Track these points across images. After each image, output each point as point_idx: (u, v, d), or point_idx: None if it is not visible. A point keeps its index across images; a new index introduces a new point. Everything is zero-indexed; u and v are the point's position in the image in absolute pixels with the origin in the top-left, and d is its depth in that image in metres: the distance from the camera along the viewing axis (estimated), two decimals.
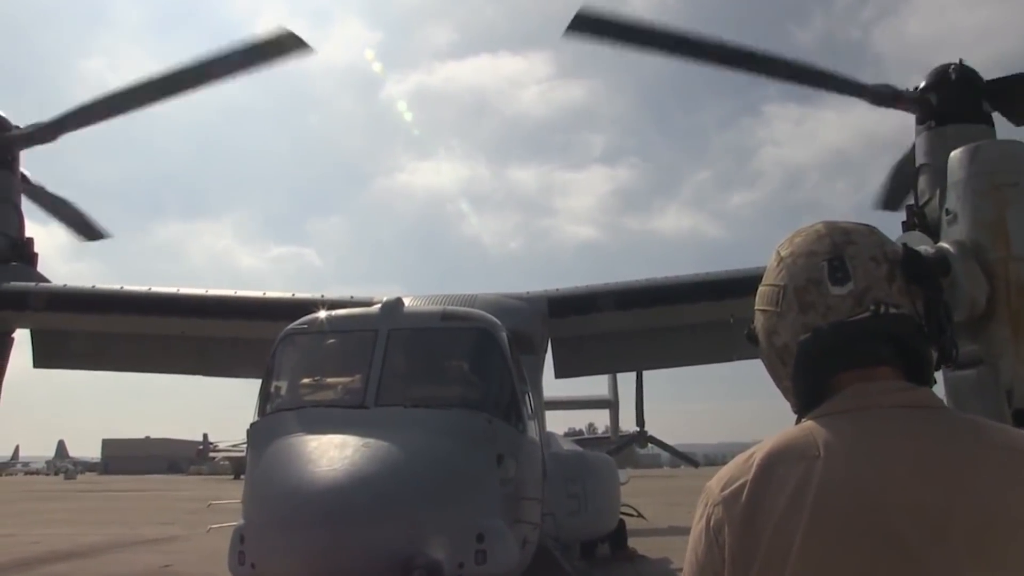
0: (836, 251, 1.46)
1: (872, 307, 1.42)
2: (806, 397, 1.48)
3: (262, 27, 11.47)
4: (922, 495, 1.26)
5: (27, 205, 12.67)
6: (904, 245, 1.51)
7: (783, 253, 1.54)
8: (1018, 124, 11.20)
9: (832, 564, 1.26)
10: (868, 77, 11.83)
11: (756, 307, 1.58)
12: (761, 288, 1.57)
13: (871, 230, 1.51)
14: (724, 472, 1.42)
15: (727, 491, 1.38)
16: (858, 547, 1.25)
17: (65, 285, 11.79)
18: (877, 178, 13.34)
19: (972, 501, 1.24)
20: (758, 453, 1.39)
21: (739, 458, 1.42)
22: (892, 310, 1.43)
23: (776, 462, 1.36)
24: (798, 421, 1.47)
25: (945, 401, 1.41)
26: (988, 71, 11.33)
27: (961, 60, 11.38)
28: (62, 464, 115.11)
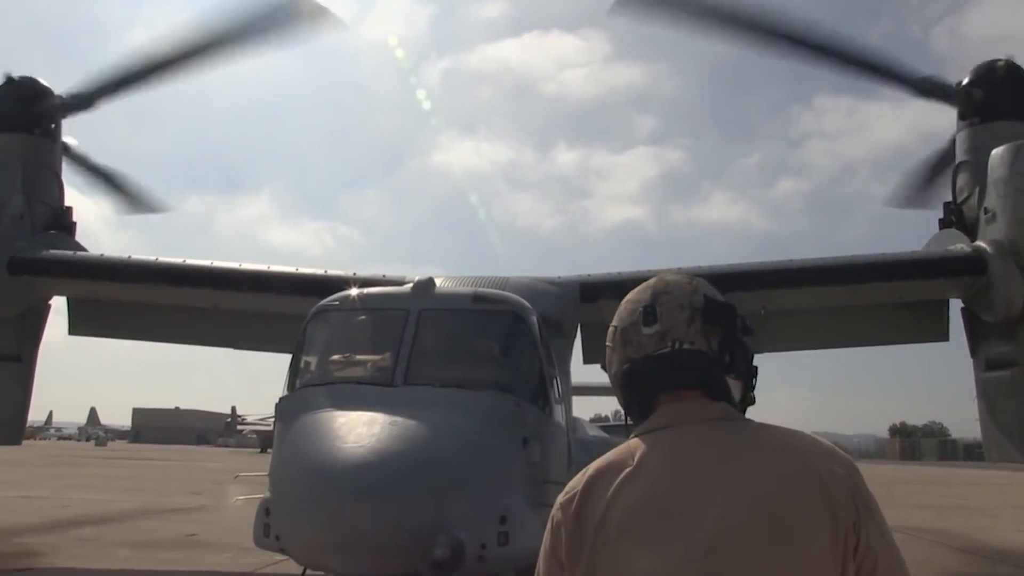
0: (652, 300, 1.83)
1: (671, 344, 1.79)
2: (635, 414, 1.85)
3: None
4: (707, 488, 1.61)
5: (72, 175, 12.87)
6: (705, 296, 1.84)
7: (623, 301, 1.91)
8: None
9: (640, 547, 1.60)
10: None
11: (606, 344, 1.95)
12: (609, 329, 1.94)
13: (690, 281, 1.87)
14: (568, 484, 1.80)
15: (564, 499, 1.77)
16: (657, 533, 1.60)
17: (102, 255, 11.94)
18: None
19: (746, 489, 1.59)
20: (591, 468, 1.77)
21: (580, 473, 1.79)
22: (687, 346, 1.78)
23: (600, 475, 1.73)
24: (628, 434, 1.83)
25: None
26: None
27: (1011, 57, 11.14)
28: (93, 431, 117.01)
